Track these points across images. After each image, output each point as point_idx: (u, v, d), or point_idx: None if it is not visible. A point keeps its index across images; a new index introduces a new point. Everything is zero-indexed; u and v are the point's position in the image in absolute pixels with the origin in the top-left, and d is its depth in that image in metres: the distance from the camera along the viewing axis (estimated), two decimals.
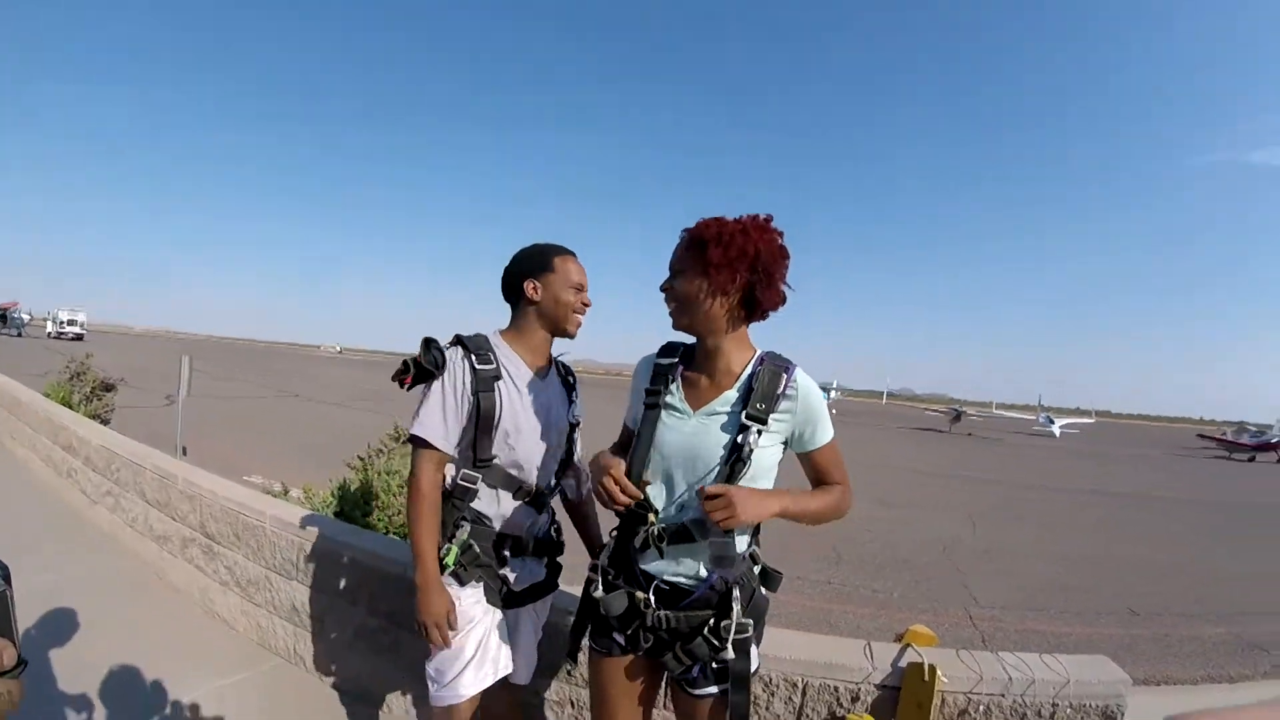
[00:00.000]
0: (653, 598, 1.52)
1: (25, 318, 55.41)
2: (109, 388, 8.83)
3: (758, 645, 1.56)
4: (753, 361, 1.54)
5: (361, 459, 5.02)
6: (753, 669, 1.52)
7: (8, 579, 0.69)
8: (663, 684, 1.74)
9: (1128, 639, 5.88)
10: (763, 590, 1.59)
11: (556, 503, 2.08)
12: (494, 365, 1.78)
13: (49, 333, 53.32)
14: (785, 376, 1.49)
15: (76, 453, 4.81)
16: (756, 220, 1.46)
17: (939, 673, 1.93)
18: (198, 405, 12.97)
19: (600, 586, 1.59)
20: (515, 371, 1.84)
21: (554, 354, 1.99)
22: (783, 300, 1.52)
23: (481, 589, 1.81)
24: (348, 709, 2.72)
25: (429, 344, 1.76)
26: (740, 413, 1.48)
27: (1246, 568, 8.89)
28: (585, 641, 1.71)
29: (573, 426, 2.00)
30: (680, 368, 1.61)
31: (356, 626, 2.77)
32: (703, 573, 1.51)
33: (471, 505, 1.82)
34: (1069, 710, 1.99)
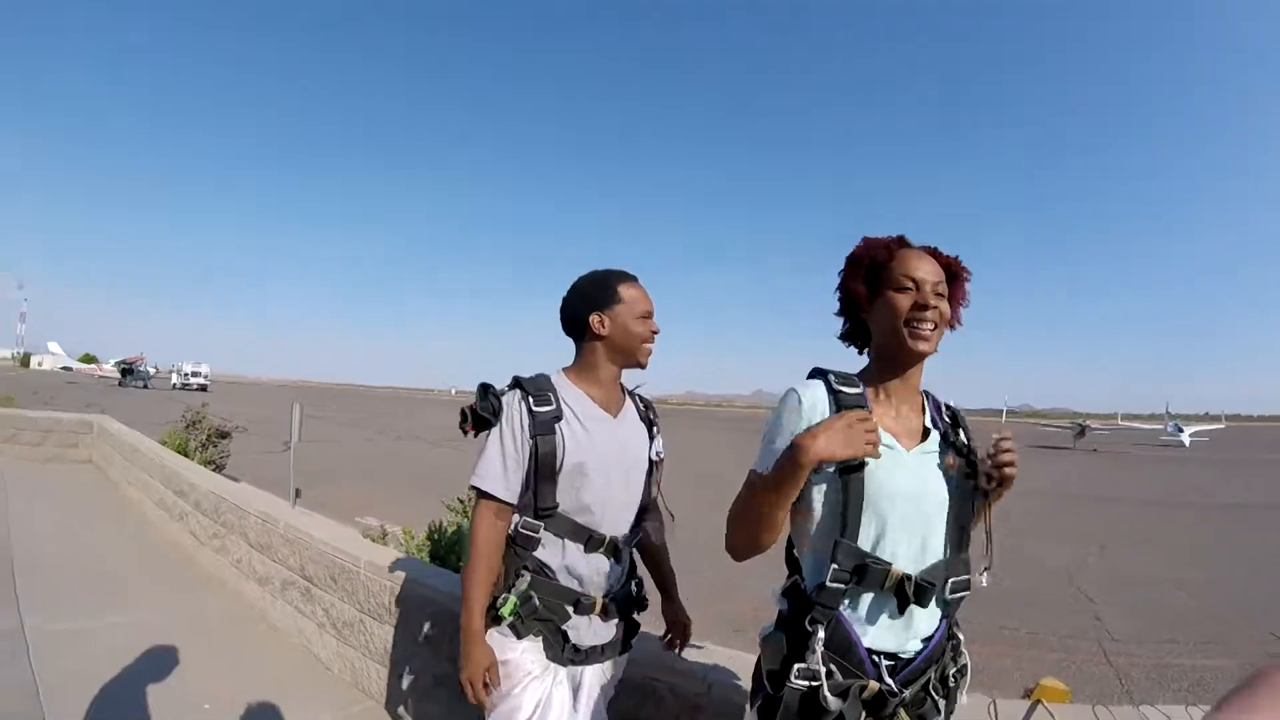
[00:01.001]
0: (892, 681, 1.26)
1: (151, 370, 60.29)
2: (224, 435, 9.41)
3: None
4: (923, 397, 1.45)
5: (461, 500, 5.06)
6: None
7: None
8: None
9: None
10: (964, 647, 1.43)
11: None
12: (554, 406, 1.68)
13: (174, 384, 57.60)
14: (960, 414, 1.46)
15: (187, 497, 5.11)
16: None
17: None
18: (317, 450, 13.70)
19: (826, 688, 1.22)
20: (580, 410, 1.73)
21: (629, 387, 1.89)
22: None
23: (540, 643, 1.70)
24: None
25: (485, 390, 1.71)
26: (955, 444, 1.37)
27: None
28: None
29: (653, 464, 1.84)
30: (866, 395, 1.36)
31: (437, 673, 2.75)
32: (931, 626, 1.32)
33: (534, 554, 1.70)
34: None
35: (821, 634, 1.26)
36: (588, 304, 1.75)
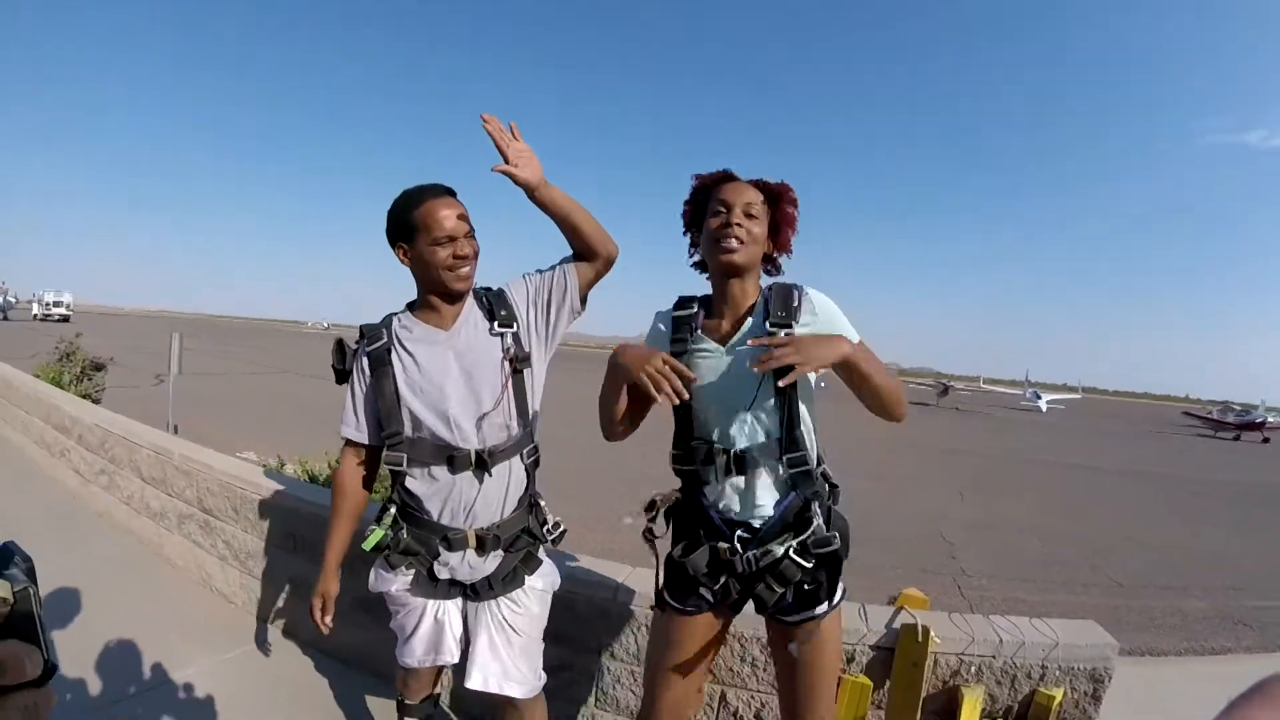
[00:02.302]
0: (738, 544, 1.53)
1: (11, 300, 54.67)
2: (99, 367, 8.75)
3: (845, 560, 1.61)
4: (760, 292, 1.61)
5: None
6: (838, 595, 1.59)
7: (32, 576, 0.56)
8: (727, 635, 1.80)
9: (1112, 610, 6.01)
10: (837, 509, 1.63)
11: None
12: (384, 340, 1.69)
13: (35, 314, 52.73)
14: (795, 292, 1.53)
15: (69, 433, 4.77)
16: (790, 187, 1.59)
17: (932, 634, 1.98)
18: (188, 383, 12.91)
19: (680, 549, 1.60)
20: (407, 335, 1.70)
21: (473, 295, 1.75)
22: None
23: (412, 576, 1.75)
24: (349, 678, 2.75)
25: (339, 345, 1.75)
26: (763, 326, 1.51)
27: (1229, 545, 9.08)
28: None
29: (514, 363, 1.69)
30: (701, 315, 1.62)
31: (355, 596, 2.78)
32: (775, 497, 1.55)
33: (405, 486, 1.72)
34: (1058, 672, 2.04)
35: (675, 500, 1.66)
36: (391, 236, 1.68)
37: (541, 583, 1.81)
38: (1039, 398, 47.40)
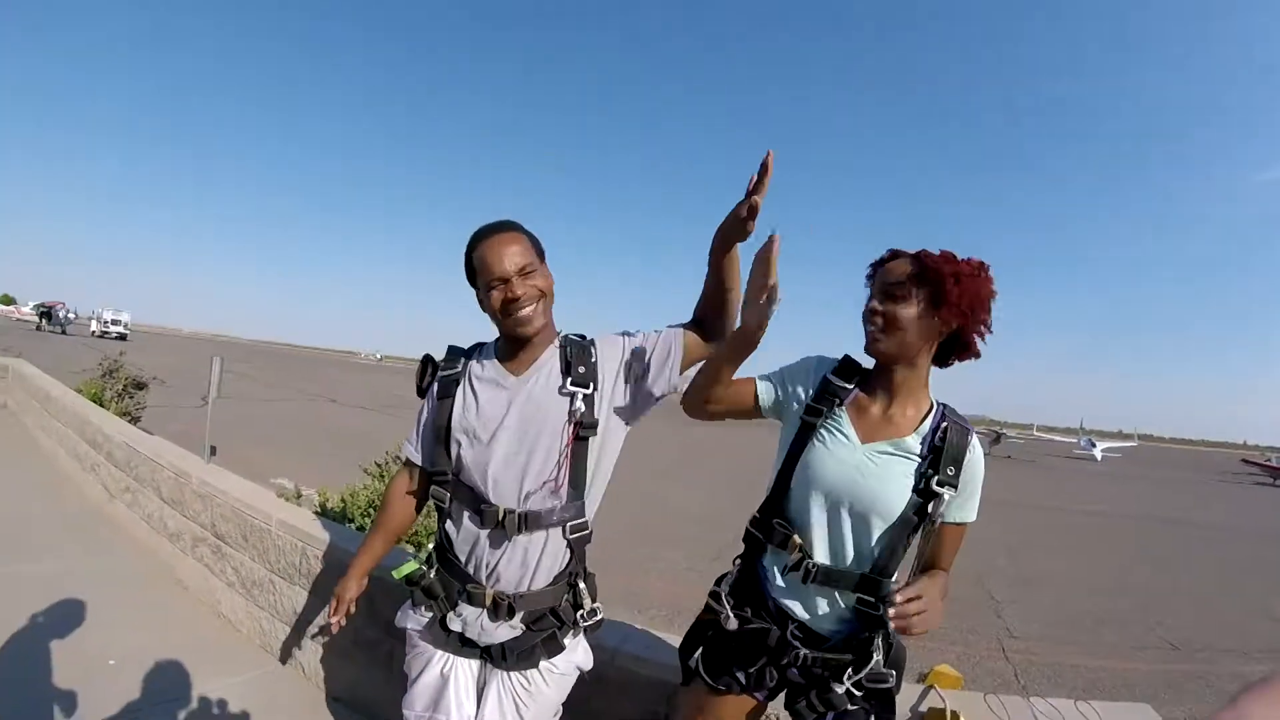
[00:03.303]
0: (792, 639, 1.41)
1: (71, 316, 57.31)
2: (140, 385, 9.02)
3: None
4: (934, 413, 1.43)
5: (379, 465, 4.98)
6: None
7: None
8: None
9: (1166, 675, 5.60)
10: (900, 639, 1.44)
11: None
12: (457, 370, 1.64)
13: (93, 331, 55.08)
14: (970, 436, 1.41)
15: (100, 448, 4.87)
16: (984, 266, 1.37)
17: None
18: (234, 407, 13.27)
19: (731, 617, 1.46)
20: (480, 372, 1.62)
21: (558, 345, 1.62)
22: (979, 353, 1.45)
23: (430, 619, 1.65)
24: (344, 717, 2.67)
25: (424, 360, 1.70)
26: (927, 472, 1.36)
27: None
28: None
29: (578, 428, 1.53)
30: (854, 393, 1.47)
31: (355, 635, 2.71)
32: (845, 618, 1.43)
33: (444, 526, 1.66)
34: None
35: (735, 570, 1.54)
36: (469, 280, 1.63)
37: (563, 666, 1.64)
38: (1093, 445, 46.03)
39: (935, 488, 1.33)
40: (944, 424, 1.40)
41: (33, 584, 3.28)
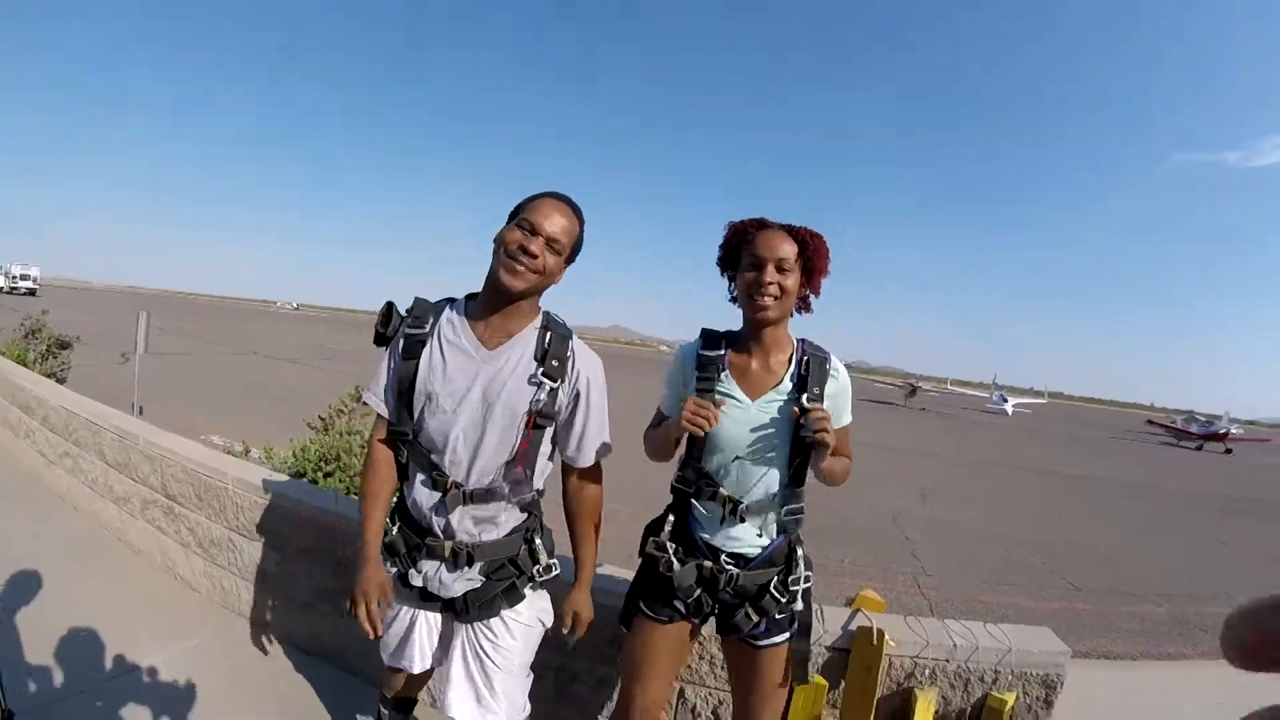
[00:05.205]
0: (725, 565, 1.67)
1: None
2: (65, 345, 8.56)
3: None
4: (796, 350, 1.69)
5: (322, 419, 4.94)
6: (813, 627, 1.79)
7: None
8: (696, 644, 1.97)
9: (1070, 614, 6.13)
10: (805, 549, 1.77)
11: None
12: (425, 329, 1.60)
13: (1, 288, 51.49)
14: (827, 363, 1.66)
15: (34, 413, 4.66)
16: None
17: (887, 637, 2.02)
18: (154, 363, 12.65)
19: (674, 560, 1.69)
20: (449, 336, 1.59)
21: (539, 324, 1.63)
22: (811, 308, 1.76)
23: (393, 575, 1.68)
24: (311, 669, 2.73)
25: (386, 307, 1.65)
26: (799, 398, 1.60)
27: (1187, 552, 9.29)
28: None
29: (531, 415, 1.57)
30: (727, 357, 1.69)
31: (318, 587, 2.78)
32: (764, 540, 1.68)
33: (403, 483, 1.68)
34: (1010, 677, 2.10)
35: (670, 519, 1.76)
36: (511, 213, 1.59)
37: (526, 615, 1.70)
38: (1005, 401, 47.76)
39: (805, 404, 1.58)
40: (805, 357, 1.66)
41: None
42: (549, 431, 1.64)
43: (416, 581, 1.65)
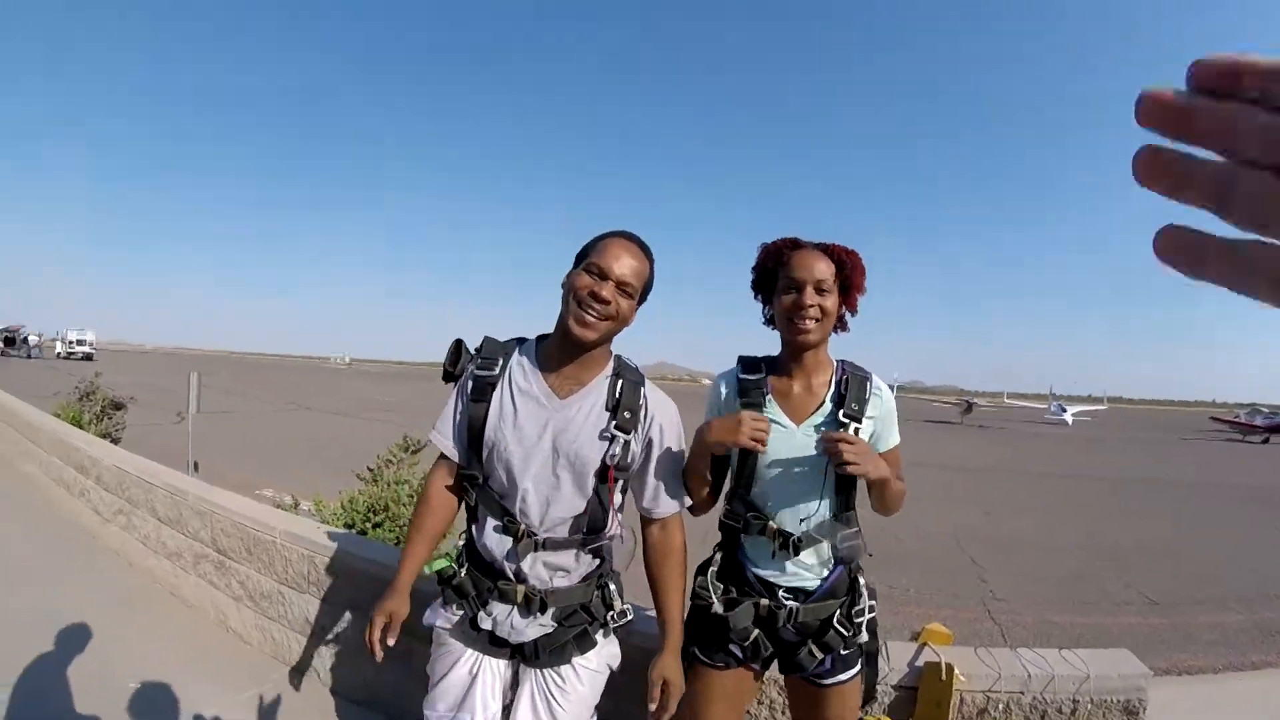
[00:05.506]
0: (785, 602, 1.58)
1: (34, 338, 56.04)
2: (119, 406, 8.89)
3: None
4: (836, 370, 1.65)
5: (371, 470, 5.01)
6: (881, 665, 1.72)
7: None
8: (756, 689, 1.83)
9: (1148, 629, 5.83)
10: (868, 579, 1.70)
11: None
12: (495, 372, 1.57)
13: (58, 353, 53.88)
14: (869, 382, 1.61)
15: (88, 473, 4.82)
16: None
17: (956, 672, 1.91)
18: (209, 421, 13.04)
19: (718, 603, 1.61)
20: (520, 382, 1.56)
21: (610, 372, 1.60)
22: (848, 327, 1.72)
23: (460, 618, 1.64)
24: (363, 719, 2.72)
25: (455, 345, 1.64)
26: (836, 415, 1.56)
27: (1263, 552, 8.78)
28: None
29: (606, 470, 1.53)
30: (768, 381, 1.64)
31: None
32: (824, 571, 1.61)
33: (472, 525, 1.66)
34: (1090, 706, 1.96)
35: (718, 558, 1.69)
36: (578, 256, 1.56)
37: (595, 663, 1.65)
38: (1064, 410, 46.49)
39: (843, 419, 1.54)
40: (844, 377, 1.61)
41: (35, 616, 3.24)
42: (621, 483, 1.61)
43: (486, 625, 1.59)
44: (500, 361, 1.59)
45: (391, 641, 1.65)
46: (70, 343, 54.91)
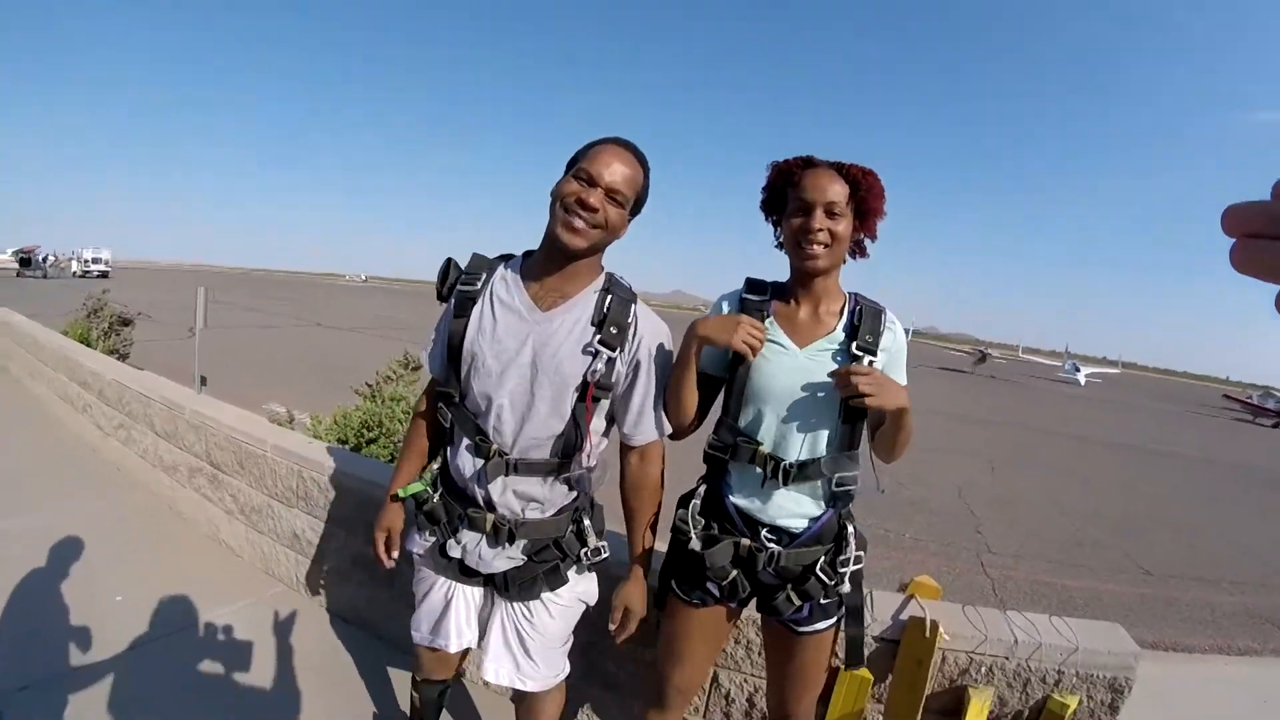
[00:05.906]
0: (766, 542, 1.50)
1: (50, 258, 56.47)
2: (126, 322, 8.89)
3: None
4: (848, 301, 1.56)
5: (370, 385, 4.96)
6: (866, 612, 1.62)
7: None
8: (733, 628, 1.81)
9: (1138, 598, 5.82)
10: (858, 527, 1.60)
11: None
12: (477, 286, 1.51)
13: (74, 273, 54.24)
14: (884, 315, 1.52)
15: (90, 388, 4.84)
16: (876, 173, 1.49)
17: (941, 630, 1.86)
18: (220, 336, 13.11)
19: (697, 540, 1.53)
20: (501, 295, 1.50)
21: (600, 286, 1.52)
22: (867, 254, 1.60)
23: (432, 545, 1.61)
24: (346, 636, 2.76)
25: (445, 263, 1.58)
26: (849, 347, 1.47)
27: (1264, 537, 8.70)
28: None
29: (586, 387, 1.46)
30: (772, 304, 1.56)
31: (354, 555, 2.78)
32: (815, 511, 1.52)
33: (447, 447, 1.61)
34: (1074, 679, 1.91)
35: (701, 491, 1.60)
36: (569, 163, 1.48)
37: (567, 598, 1.63)
38: (1078, 370, 45.76)
39: (855, 352, 1.46)
40: (858, 307, 1.52)
41: (34, 531, 3.30)
42: (604, 404, 1.54)
43: (455, 553, 1.56)
44: (484, 276, 1.54)
45: (395, 553, 1.70)
46: (86, 261, 55.14)
